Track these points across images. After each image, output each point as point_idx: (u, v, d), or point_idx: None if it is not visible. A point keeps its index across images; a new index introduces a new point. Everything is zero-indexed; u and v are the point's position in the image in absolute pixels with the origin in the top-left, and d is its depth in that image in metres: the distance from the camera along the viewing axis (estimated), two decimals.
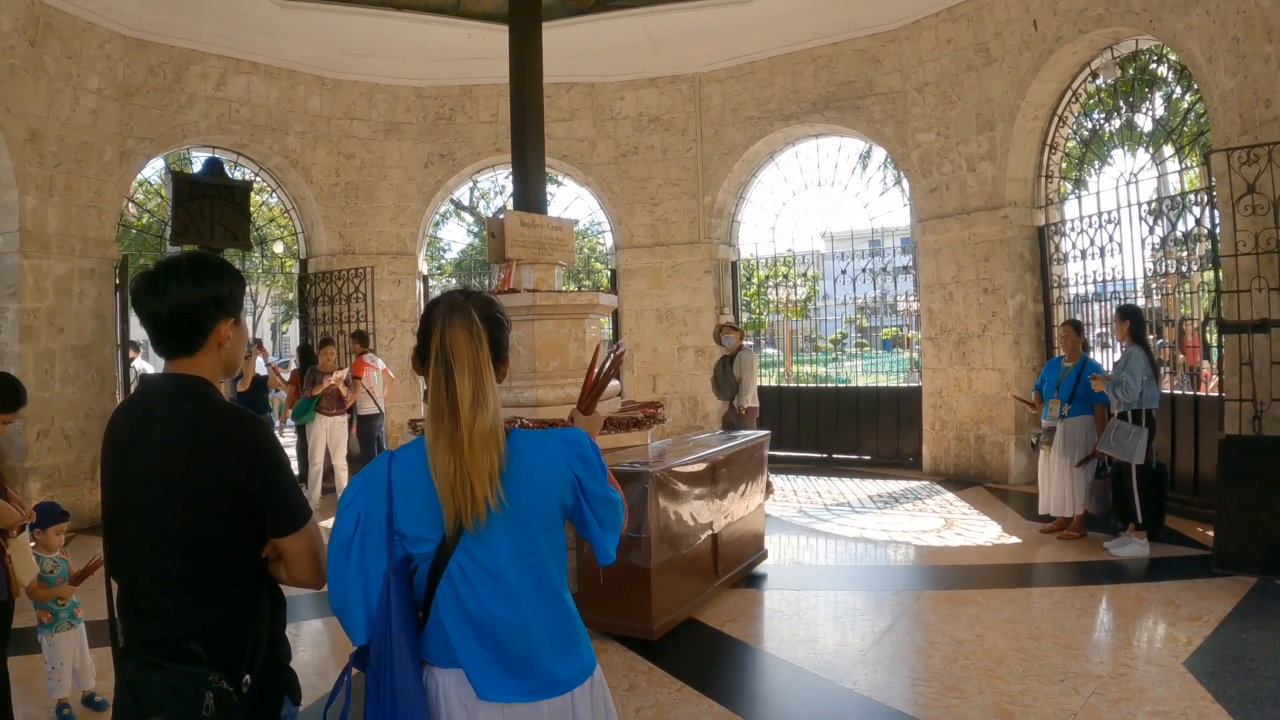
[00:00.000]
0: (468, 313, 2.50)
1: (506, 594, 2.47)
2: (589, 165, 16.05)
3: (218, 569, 2.56)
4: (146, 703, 2.46)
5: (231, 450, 2.54)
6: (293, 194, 15.52)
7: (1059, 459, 9.41)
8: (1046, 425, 9.67)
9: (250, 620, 2.62)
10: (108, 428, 2.75)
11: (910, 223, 14.42)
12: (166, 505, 2.52)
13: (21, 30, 10.96)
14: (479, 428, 2.41)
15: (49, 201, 11.55)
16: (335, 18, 13.44)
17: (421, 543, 2.46)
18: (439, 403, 2.43)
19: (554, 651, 2.53)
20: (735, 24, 14.08)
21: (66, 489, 11.48)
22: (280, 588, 2.77)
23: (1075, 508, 9.36)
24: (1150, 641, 6.59)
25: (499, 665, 2.46)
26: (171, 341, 2.64)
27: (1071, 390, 9.41)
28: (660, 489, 6.64)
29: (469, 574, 2.45)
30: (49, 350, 11.56)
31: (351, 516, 2.48)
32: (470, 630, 2.46)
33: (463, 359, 2.43)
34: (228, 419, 2.60)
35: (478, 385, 2.44)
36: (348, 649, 2.65)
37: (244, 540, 2.60)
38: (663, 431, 9.18)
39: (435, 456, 2.41)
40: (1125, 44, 11.31)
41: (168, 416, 2.60)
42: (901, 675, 5.98)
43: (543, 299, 8.34)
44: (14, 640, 5.45)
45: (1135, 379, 8.57)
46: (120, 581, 2.68)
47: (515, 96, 9.52)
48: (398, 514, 2.46)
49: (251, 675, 2.59)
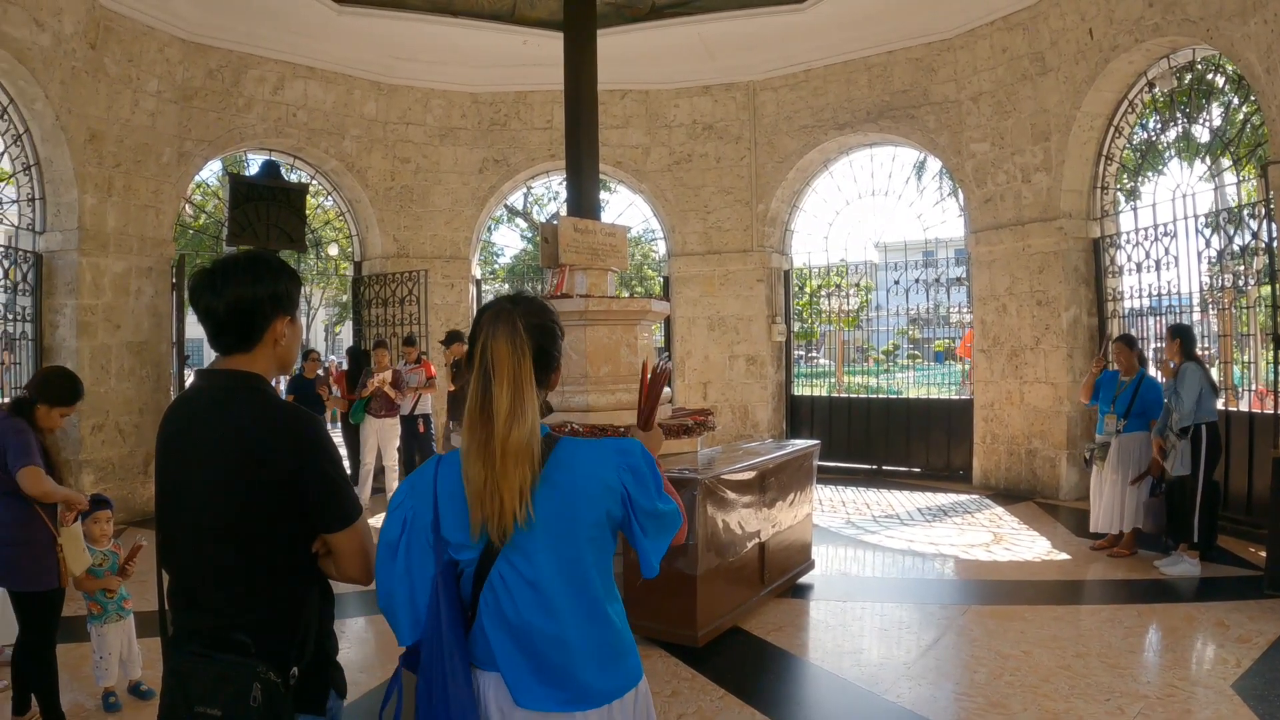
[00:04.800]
0: (512, 322, 2.48)
1: (545, 604, 2.46)
2: (643, 172, 16.08)
3: (268, 562, 2.60)
4: (194, 692, 2.49)
5: (286, 446, 2.58)
6: (348, 197, 15.67)
7: (1112, 474, 9.29)
8: (1101, 440, 9.52)
9: (299, 613, 2.66)
10: (163, 421, 2.80)
11: (964, 233, 14.32)
12: (220, 498, 2.57)
13: (82, 34, 11.19)
14: (513, 440, 2.39)
15: (108, 201, 11.78)
16: (391, 23, 13.59)
17: (464, 549, 2.46)
18: (475, 412, 2.42)
19: (593, 663, 2.50)
20: (790, 32, 14.07)
21: (119, 482, 11.73)
22: (329, 583, 2.81)
23: (1126, 524, 9.23)
24: (1199, 662, 6.50)
25: (537, 674, 2.45)
26: (228, 337, 2.69)
27: (1128, 406, 9.30)
28: (708, 496, 6.64)
29: (509, 582, 2.45)
30: (105, 346, 11.78)
31: (399, 519, 2.50)
32: (509, 637, 2.46)
33: (502, 369, 2.42)
34: (283, 415, 2.64)
35: (515, 397, 2.42)
36: (392, 646, 2.68)
37: (295, 535, 2.64)
38: (713, 439, 9.17)
39: (468, 465, 2.41)
40: (1182, 53, 11.14)
41: (223, 411, 2.64)
42: (945, 690, 5.95)
43: (595, 304, 8.35)
44: (63, 628, 5.59)
45: (1190, 395, 8.48)
46: (171, 572, 2.73)
47: (570, 103, 9.54)
48: (443, 520, 2.47)
49: (299, 668, 2.62)
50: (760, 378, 15.75)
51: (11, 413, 5.32)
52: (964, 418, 14.20)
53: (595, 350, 8.30)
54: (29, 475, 5.16)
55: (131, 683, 6.01)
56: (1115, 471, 9.24)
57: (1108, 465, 9.31)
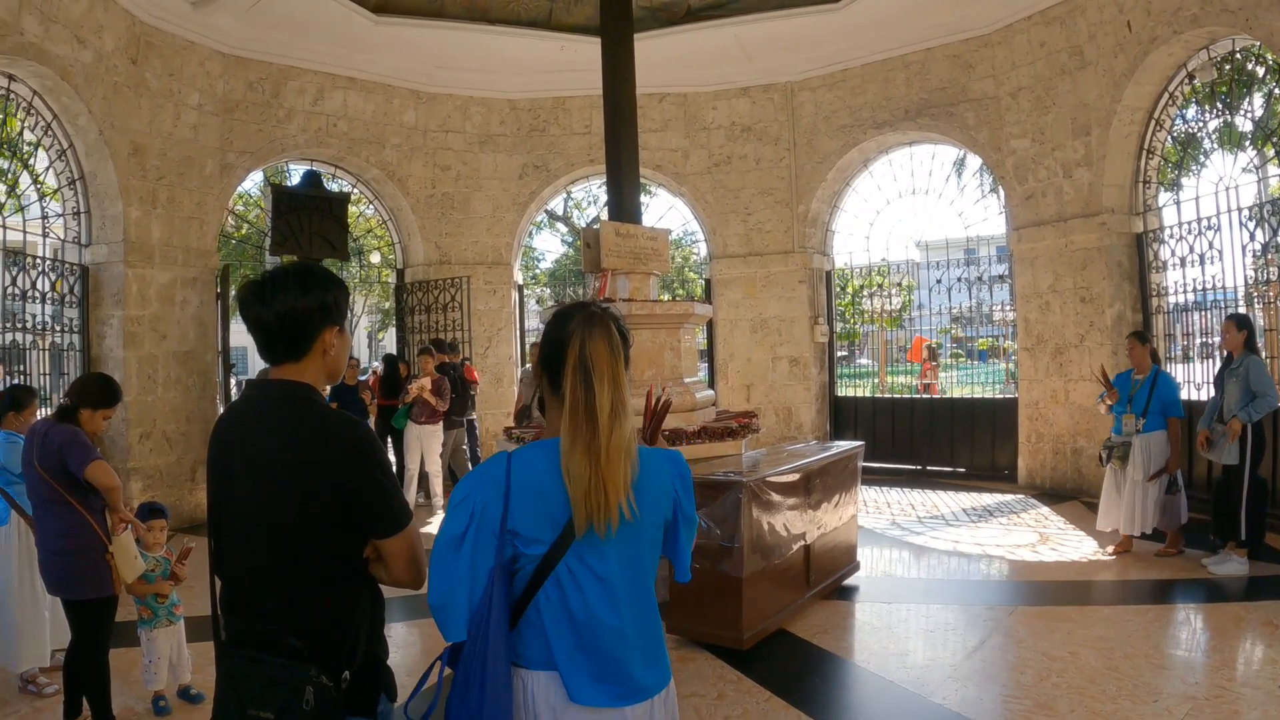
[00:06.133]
0: (608, 325, 2.57)
1: (612, 599, 2.52)
2: (682, 175, 16.09)
3: (320, 568, 2.65)
4: (247, 695, 2.54)
5: (337, 454, 2.63)
6: (389, 205, 15.79)
7: (1132, 474, 9.16)
8: (1120, 440, 9.39)
9: (351, 618, 2.70)
10: (214, 430, 2.86)
11: (1005, 231, 14.23)
12: (272, 506, 2.62)
13: (124, 49, 11.38)
14: (617, 437, 2.45)
15: (152, 213, 11.98)
16: (428, 32, 13.69)
17: (535, 544, 2.49)
18: (577, 412, 2.47)
19: (643, 658, 2.58)
20: (826, 31, 14.05)
21: (167, 489, 11.89)
22: (379, 587, 2.85)
23: (1142, 525, 9.13)
24: (1247, 663, 6.44)
25: (593, 670, 2.50)
26: (278, 348, 2.74)
27: (1145, 404, 9.21)
28: (754, 499, 6.64)
29: (578, 577, 2.49)
30: (152, 356, 11.96)
31: (465, 512, 2.50)
32: (572, 633, 2.50)
33: (603, 370, 2.49)
34: (334, 424, 2.69)
35: (617, 396, 2.50)
36: (436, 650, 2.69)
37: (346, 540, 2.68)
38: (756, 441, 9.15)
39: (571, 462, 2.45)
40: (1221, 44, 11.03)
41: (274, 421, 2.70)
42: (992, 692, 5.93)
43: (638, 309, 8.38)
44: (114, 632, 5.66)
45: (1271, 386, 8.40)
46: (224, 578, 2.79)
47: (608, 107, 9.57)
48: (514, 513, 2.49)
49: (351, 671, 2.67)
50: (803, 379, 15.71)
51: (59, 420, 5.43)
52: (1008, 417, 14.11)
53: (639, 354, 8.32)
54: (99, 469, 5.36)
55: (181, 687, 6.09)
56: (1139, 471, 9.12)
57: (1130, 465, 9.19)
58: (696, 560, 6.60)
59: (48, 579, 5.53)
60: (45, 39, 10.13)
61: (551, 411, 2.67)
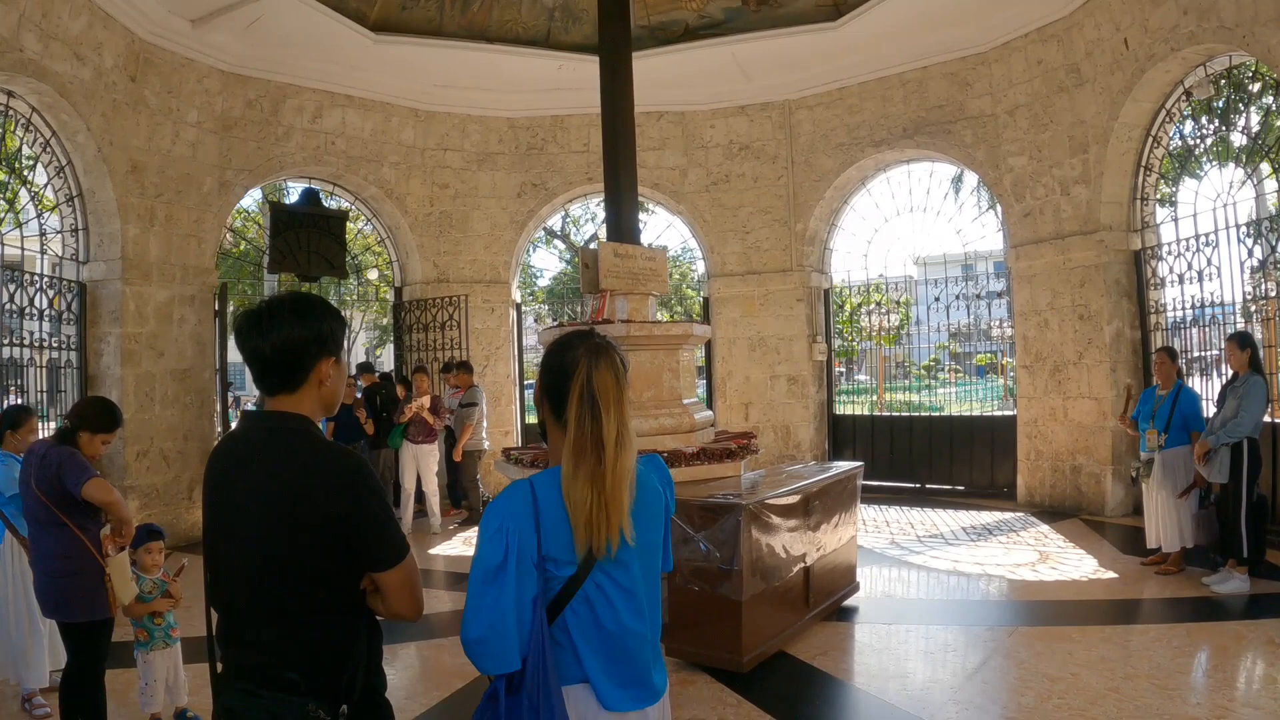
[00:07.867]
0: (613, 356, 2.63)
1: (638, 609, 2.61)
2: (680, 194, 16.10)
3: (317, 601, 2.63)
4: None
5: (334, 487, 2.61)
6: (388, 223, 15.79)
7: (1158, 491, 9.16)
8: (1145, 457, 9.39)
9: (348, 651, 2.69)
10: (210, 462, 2.85)
11: (1003, 248, 14.25)
12: (268, 538, 2.60)
13: (122, 66, 11.37)
14: (621, 465, 2.52)
15: (150, 231, 11.98)
16: (427, 51, 13.73)
17: (565, 566, 2.53)
18: (584, 440, 2.52)
19: (656, 661, 2.70)
20: (824, 50, 14.07)
21: (164, 507, 11.87)
22: (377, 619, 2.84)
23: (1182, 540, 9.04)
24: (1249, 682, 6.43)
25: (619, 678, 2.58)
26: (273, 378, 2.73)
27: (1167, 419, 9.20)
28: (753, 521, 6.63)
29: (607, 592, 2.56)
30: (149, 374, 11.94)
31: (500, 544, 2.49)
32: (602, 645, 2.57)
33: (609, 399, 2.56)
34: (330, 456, 2.67)
35: (622, 425, 2.56)
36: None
37: (343, 573, 2.66)
38: (755, 462, 9.13)
39: (573, 488, 2.50)
40: (1218, 61, 11.05)
41: (270, 453, 2.68)
42: (992, 714, 5.90)
43: (636, 330, 8.37)
44: (110, 654, 5.63)
45: (1252, 415, 8.37)
46: (220, 611, 2.77)
47: (606, 126, 9.58)
48: (546, 540, 2.52)
49: (349, 705, 2.66)
50: (802, 398, 15.70)
51: (58, 442, 5.40)
52: (1007, 434, 14.07)
53: (637, 375, 8.30)
54: (97, 485, 5.30)
55: (178, 710, 6.05)
56: (1162, 488, 9.10)
57: (1153, 482, 9.19)
58: (695, 583, 6.60)
59: (43, 601, 5.48)
60: (44, 55, 10.13)
61: (553, 438, 2.71)
